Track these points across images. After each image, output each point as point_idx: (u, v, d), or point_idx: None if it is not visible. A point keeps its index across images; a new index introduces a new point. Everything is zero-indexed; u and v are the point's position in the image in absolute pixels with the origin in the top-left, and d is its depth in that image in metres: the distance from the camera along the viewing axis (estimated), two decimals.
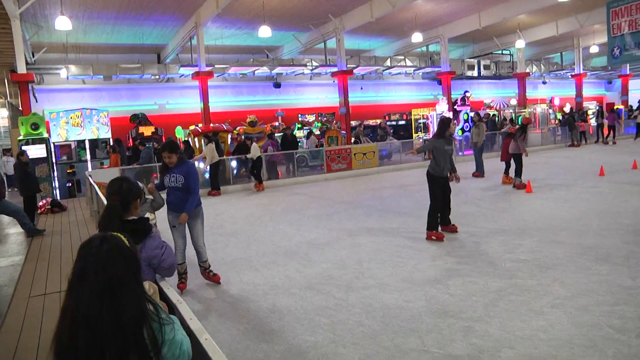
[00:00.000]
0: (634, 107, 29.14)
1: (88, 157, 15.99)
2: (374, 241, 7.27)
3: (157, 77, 22.69)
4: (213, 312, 4.97)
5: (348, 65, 22.30)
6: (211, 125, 17.85)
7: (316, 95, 27.31)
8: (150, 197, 4.90)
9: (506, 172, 12.04)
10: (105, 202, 3.55)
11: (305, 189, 13.85)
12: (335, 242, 7.40)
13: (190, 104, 23.28)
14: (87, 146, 16.00)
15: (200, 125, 18.09)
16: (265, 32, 16.62)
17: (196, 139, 16.68)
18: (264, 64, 23.44)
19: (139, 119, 19.73)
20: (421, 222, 8.34)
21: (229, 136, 17.24)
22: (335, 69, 21.53)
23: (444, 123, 7.54)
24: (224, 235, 8.28)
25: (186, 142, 16.23)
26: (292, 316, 4.63)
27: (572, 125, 21.34)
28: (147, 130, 19.51)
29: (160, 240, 3.01)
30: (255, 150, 13.71)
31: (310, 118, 24.64)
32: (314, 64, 24.44)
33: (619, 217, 7.82)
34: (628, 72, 32.54)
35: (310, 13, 18.69)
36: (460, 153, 18.60)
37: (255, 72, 24.01)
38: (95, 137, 16.11)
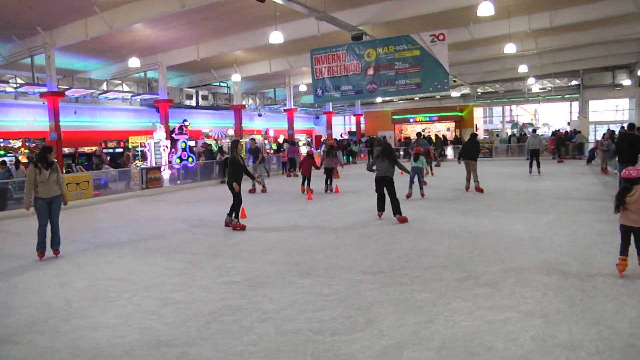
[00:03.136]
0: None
1: None
2: (86, 277, 6.84)
3: None
4: None
5: (60, 86, 20.51)
6: None
7: (23, 117, 24.16)
8: None
9: (303, 183, 15.51)
10: None
11: (9, 225, 12.14)
12: (41, 282, 6.71)
13: None
14: None
15: None
16: None
17: None
18: None
19: None
20: (137, 253, 8.25)
21: None
22: (44, 89, 19.55)
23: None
24: None
25: None
26: None
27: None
28: None
29: None
30: None
31: (16, 144, 21.77)
32: (19, 81, 21.80)
33: (321, 234, 9.03)
34: (331, 110, 37.64)
35: (13, 21, 16.44)
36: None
37: None
38: None
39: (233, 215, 10.01)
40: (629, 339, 4.13)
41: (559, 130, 31.57)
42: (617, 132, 18.93)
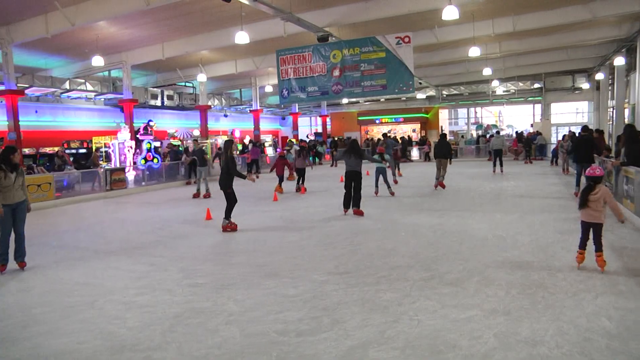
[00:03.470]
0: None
1: None
2: (46, 282, 6.65)
3: None
4: None
5: (19, 85, 19.91)
6: None
7: None
8: None
9: (280, 183, 15.91)
10: None
11: None
12: None
13: None
14: None
15: None
16: None
17: None
18: None
19: None
20: (100, 256, 8.07)
21: None
22: (2, 87, 18.92)
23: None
24: None
25: None
26: None
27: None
28: None
29: None
30: None
31: None
32: None
33: (286, 234, 9.01)
34: (297, 111, 37.56)
35: None
36: None
37: None
38: None
39: (224, 216, 9.78)
40: (586, 333, 4.26)
41: (521, 132, 32.29)
42: (577, 134, 19.54)
